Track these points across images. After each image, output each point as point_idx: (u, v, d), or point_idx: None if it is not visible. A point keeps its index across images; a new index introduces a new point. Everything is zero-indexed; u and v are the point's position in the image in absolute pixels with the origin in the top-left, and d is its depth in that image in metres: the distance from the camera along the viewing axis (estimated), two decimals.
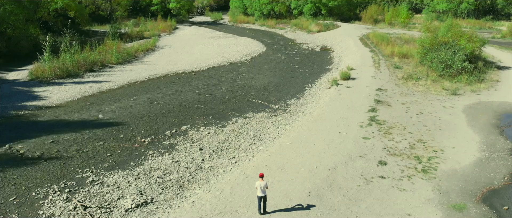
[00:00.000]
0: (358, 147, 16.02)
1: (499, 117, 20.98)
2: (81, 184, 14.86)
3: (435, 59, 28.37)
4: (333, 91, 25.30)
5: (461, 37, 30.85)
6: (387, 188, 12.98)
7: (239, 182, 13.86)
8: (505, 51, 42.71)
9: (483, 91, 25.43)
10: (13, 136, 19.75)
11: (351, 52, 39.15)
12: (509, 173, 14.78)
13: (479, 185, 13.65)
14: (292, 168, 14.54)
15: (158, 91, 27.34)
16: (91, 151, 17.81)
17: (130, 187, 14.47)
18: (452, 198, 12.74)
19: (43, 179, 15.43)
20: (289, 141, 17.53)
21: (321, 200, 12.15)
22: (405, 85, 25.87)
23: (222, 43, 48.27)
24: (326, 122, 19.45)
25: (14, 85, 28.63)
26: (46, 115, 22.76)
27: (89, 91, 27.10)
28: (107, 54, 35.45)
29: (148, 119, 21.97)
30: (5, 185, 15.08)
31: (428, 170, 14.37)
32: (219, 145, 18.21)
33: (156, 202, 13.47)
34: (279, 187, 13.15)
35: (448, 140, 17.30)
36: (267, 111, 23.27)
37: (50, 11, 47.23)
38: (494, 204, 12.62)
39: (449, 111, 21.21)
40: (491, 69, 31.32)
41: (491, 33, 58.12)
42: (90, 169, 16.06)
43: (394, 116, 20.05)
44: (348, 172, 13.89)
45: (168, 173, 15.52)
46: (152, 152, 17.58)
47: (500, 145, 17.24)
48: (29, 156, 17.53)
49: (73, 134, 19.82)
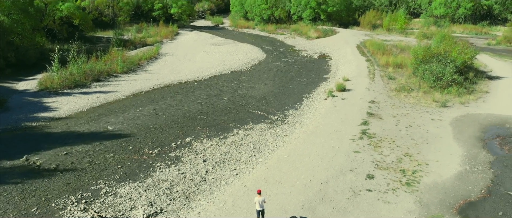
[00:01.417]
0: (349, 161, 17.56)
1: (484, 129, 22.49)
2: (96, 195, 16.40)
3: (427, 71, 29.89)
4: (328, 103, 26.83)
5: (453, 48, 32.35)
6: (373, 200, 14.52)
7: (240, 195, 15.40)
8: (498, 59, 44.17)
9: (471, 103, 26.93)
10: (28, 148, 21.28)
11: (348, 60, 40.66)
12: (486, 185, 16.30)
13: (457, 198, 15.18)
14: (288, 181, 16.08)
15: (163, 102, 28.87)
16: (103, 163, 19.36)
17: (141, 198, 16.01)
18: (431, 210, 14.27)
19: (61, 190, 16.97)
20: (286, 154, 19.07)
21: (313, 212, 13.70)
22: (397, 97, 27.40)
23: (223, 50, 49.78)
24: (321, 135, 20.98)
25: (24, 96, 30.15)
26: (58, 127, 24.31)
27: (97, 102, 28.63)
28: (113, 63, 36.97)
29: (154, 130, 23.51)
30: (26, 196, 16.61)
31: (411, 183, 15.90)
32: (221, 157, 19.75)
33: (165, 212, 15.00)
34: (276, 200, 14.69)
35: (433, 154, 18.83)
36: (266, 122, 24.80)
37: (55, 19, 48.74)
38: (469, 215, 14.14)
39: (437, 124, 22.73)
40: (481, 80, 32.83)
41: (487, 39, 59.57)
42: (103, 180, 17.61)
43: (385, 129, 21.58)
44: (339, 186, 15.44)
45: (175, 184, 17.06)
46: (160, 163, 19.12)
47: (482, 158, 18.75)
48: (46, 168, 19.07)
49: (85, 146, 21.36)
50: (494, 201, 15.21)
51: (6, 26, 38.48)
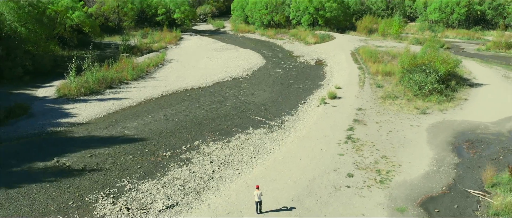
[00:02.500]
0: (333, 162, 21.04)
1: (456, 135, 25.94)
2: (121, 191, 19.88)
3: (411, 80, 33.32)
4: (320, 110, 30.30)
5: (437, 59, 35.76)
6: (350, 195, 17.99)
7: (242, 190, 18.88)
8: (484, 65, 47.55)
9: (449, 110, 30.38)
10: (56, 151, 24.75)
11: (342, 68, 44.11)
12: (448, 183, 19.76)
13: (421, 193, 18.63)
14: (282, 179, 19.57)
15: (172, 108, 32.35)
16: (124, 164, 22.84)
17: (159, 193, 19.49)
18: (398, 202, 17.73)
19: (91, 187, 20.45)
20: (281, 156, 22.54)
21: (301, 204, 17.17)
22: (382, 104, 30.85)
23: (224, 56, 53.24)
24: (312, 139, 24.45)
25: (45, 102, 33.62)
26: (80, 131, 27.80)
27: (112, 108, 32.11)
28: (123, 71, 40.45)
29: (166, 134, 26.99)
30: (62, 192, 20.08)
31: (384, 181, 19.37)
32: (225, 159, 23.22)
33: (180, 205, 18.47)
34: (271, 194, 18.15)
35: (407, 156, 22.29)
36: (265, 127, 28.26)
37: (66, 27, 52.22)
38: (428, 208, 17.59)
39: (414, 130, 26.19)
40: (463, 87, 36.25)
41: (478, 45, 62.93)
42: (126, 178, 21.09)
43: (367, 134, 25.05)
44: (323, 183, 18.91)
45: (187, 182, 20.53)
46: (173, 164, 22.60)
47: (448, 160, 22.21)
48: (75, 168, 22.55)
49: (107, 148, 24.84)
50: (452, 196, 18.66)
51: (23, 36, 42.01)
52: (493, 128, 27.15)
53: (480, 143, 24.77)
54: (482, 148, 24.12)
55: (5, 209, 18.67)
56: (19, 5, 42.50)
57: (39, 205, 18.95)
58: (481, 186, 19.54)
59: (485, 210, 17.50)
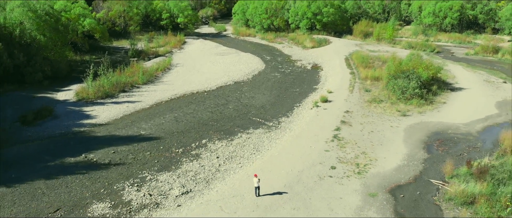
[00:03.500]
0: (320, 157, 25.53)
1: (429, 134, 30.38)
2: (143, 181, 24.37)
3: (395, 85, 37.75)
4: (313, 112, 34.78)
5: (420, 65, 40.17)
6: (332, 183, 22.47)
7: (244, 180, 23.37)
8: (469, 70, 51.76)
9: (427, 113, 34.81)
10: (83, 148, 29.26)
11: (336, 72, 48.57)
12: (415, 175, 24.20)
13: (391, 182, 23.08)
14: (277, 171, 24.06)
15: (180, 110, 36.84)
16: (143, 159, 27.34)
17: (175, 182, 23.98)
18: (371, 189, 22.19)
19: (117, 178, 24.95)
20: (277, 152, 27.04)
21: (291, 189, 21.66)
22: (368, 107, 35.31)
23: (227, 60, 57.71)
24: (303, 138, 28.94)
25: (67, 105, 38.12)
26: (101, 131, 32.32)
27: (127, 111, 36.61)
28: (134, 76, 44.96)
29: (177, 134, 31.49)
30: (93, 182, 24.57)
31: (361, 173, 23.84)
32: (229, 154, 27.70)
33: (193, 191, 22.95)
34: (268, 182, 22.63)
35: (383, 152, 26.75)
36: (264, 127, 32.72)
37: (78, 33, 56.75)
38: (395, 194, 22.04)
39: (393, 130, 30.65)
40: (444, 92, 40.62)
41: (468, 49, 67.15)
42: (146, 171, 25.59)
43: (352, 134, 29.53)
44: (310, 173, 23.40)
45: (198, 173, 25.02)
46: (185, 159, 27.09)
47: (419, 156, 26.66)
48: (101, 162, 27.06)
49: (126, 146, 29.35)
50: (417, 185, 23.10)
51: (41, 44, 46.53)
52: (463, 129, 31.57)
53: (449, 142, 29.20)
54: (450, 146, 28.56)
55: (47, 196, 23.16)
56: (37, 15, 46.97)
57: (76, 192, 23.47)
58: (443, 177, 23.97)
59: (442, 196, 21.95)
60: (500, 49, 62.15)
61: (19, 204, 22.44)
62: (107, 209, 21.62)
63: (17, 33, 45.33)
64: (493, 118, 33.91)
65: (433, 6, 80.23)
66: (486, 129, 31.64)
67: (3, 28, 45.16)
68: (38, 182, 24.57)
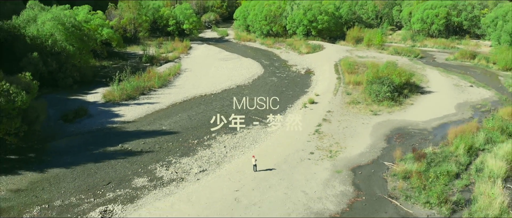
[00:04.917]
0: (303, 145, 34.93)
1: (392, 129, 39.67)
2: (169, 163, 33.78)
3: (371, 90, 47.08)
4: (302, 112, 44.20)
5: (394, 72, 49.45)
6: (310, 164, 31.86)
7: (245, 162, 32.79)
8: (444, 75, 60.77)
9: (395, 112, 44.13)
10: (118, 140, 38.63)
11: (325, 77, 57.97)
12: (373, 159, 33.49)
13: (353, 163, 32.42)
14: (269, 155, 33.48)
15: (192, 110, 46.25)
16: (167, 148, 36.75)
17: (194, 164, 33.37)
18: (338, 168, 31.54)
19: (150, 161, 34.34)
20: (271, 143, 36.48)
21: (279, 167, 31.12)
22: (346, 108, 44.69)
23: (229, 66, 67.15)
24: (292, 132, 38.32)
25: (97, 106, 47.57)
26: (130, 127, 41.76)
27: (149, 111, 46.05)
28: (151, 80, 54.44)
29: (191, 129, 40.89)
30: (132, 164, 33.94)
31: (333, 157, 33.19)
32: (234, 144, 37.06)
33: (208, 170, 32.34)
34: (262, 163, 32.01)
35: (352, 143, 36.09)
36: (261, 124, 42.07)
37: (98, 42, 66.29)
38: (355, 171, 31.37)
39: (364, 126, 39.99)
40: (414, 94, 49.86)
41: (450, 54, 76.29)
42: (171, 156, 34.98)
43: (330, 128, 38.92)
44: (294, 157, 32.80)
45: (210, 158, 34.41)
46: (199, 148, 36.48)
47: (379, 145, 35.97)
48: (135, 150, 36.47)
49: (153, 138, 38.75)
50: (373, 166, 32.42)
51: (70, 52, 56.01)
52: (421, 125, 40.86)
53: (407, 135, 38.48)
54: (406, 138, 37.83)
55: (99, 174, 32.53)
56: (65, 27, 56.43)
57: (120, 171, 32.86)
58: (394, 160, 33.23)
59: (389, 173, 31.26)
60: (477, 55, 71.26)
61: (79, 180, 31.80)
62: (146, 182, 31.03)
63: (49, 43, 54.76)
64: (449, 117, 43.12)
65: (421, 13, 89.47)
66: (440, 126, 40.85)
67: (37, 39, 54.67)
68: (89, 165, 33.92)
